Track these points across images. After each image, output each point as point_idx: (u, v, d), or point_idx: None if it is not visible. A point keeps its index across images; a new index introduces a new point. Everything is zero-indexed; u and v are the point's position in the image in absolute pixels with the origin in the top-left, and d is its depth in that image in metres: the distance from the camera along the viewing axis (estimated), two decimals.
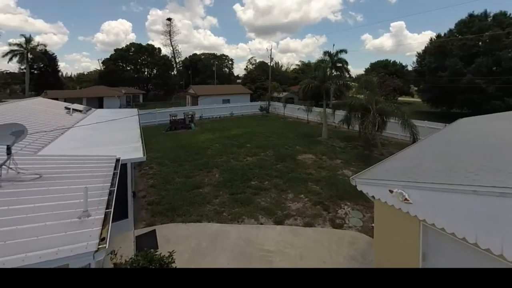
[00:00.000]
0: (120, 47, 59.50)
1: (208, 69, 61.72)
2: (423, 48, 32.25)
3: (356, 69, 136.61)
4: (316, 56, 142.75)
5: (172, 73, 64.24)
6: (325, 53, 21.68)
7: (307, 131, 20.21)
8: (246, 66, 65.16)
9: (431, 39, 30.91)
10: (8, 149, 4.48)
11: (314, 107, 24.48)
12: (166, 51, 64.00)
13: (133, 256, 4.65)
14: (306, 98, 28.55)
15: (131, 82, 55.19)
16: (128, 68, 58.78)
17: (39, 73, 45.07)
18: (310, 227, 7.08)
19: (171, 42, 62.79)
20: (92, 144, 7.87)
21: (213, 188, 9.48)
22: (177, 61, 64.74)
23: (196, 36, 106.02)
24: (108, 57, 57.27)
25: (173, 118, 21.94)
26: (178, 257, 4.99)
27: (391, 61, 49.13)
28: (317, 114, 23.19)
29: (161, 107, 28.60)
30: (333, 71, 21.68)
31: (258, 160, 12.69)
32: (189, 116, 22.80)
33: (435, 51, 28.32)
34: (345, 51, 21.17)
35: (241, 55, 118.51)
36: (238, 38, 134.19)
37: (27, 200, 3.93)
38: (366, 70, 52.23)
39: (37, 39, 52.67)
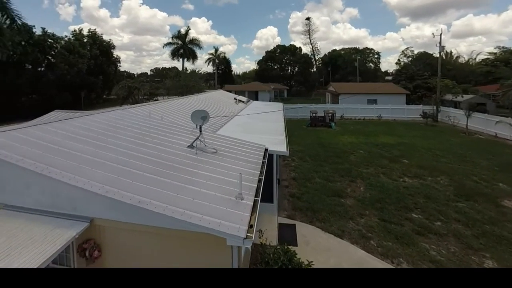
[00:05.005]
0: (269, 50, 69.59)
1: (349, 65, 58.20)
2: None
3: None
4: None
5: (312, 70, 66.40)
6: None
7: None
8: (399, 60, 54.78)
9: None
10: (200, 128, 6.01)
11: None
12: (306, 49, 66.81)
13: (276, 246, 4.81)
14: None
15: (277, 79, 63.08)
16: (275, 67, 67.62)
17: (221, 72, 63.38)
18: None
19: (310, 40, 64.74)
20: (247, 131, 9.07)
21: (356, 203, 8.23)
22: (317, 58, 66.16)
23: (335, 31, 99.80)
24: (261, 58, 69.23)
25: (314, 114, 22.04)
26: None
27: None
28: None
29: (302, 103, 29.58)
30: None
31: (421, 185, 9.58)
32: (330, 114, 22.08)
33: None
34: None
35: (390, 47, 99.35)
36: (386, 26, 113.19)
37: (207, 169, 4.74)
38: None
39: (220, 49, 77.41)
